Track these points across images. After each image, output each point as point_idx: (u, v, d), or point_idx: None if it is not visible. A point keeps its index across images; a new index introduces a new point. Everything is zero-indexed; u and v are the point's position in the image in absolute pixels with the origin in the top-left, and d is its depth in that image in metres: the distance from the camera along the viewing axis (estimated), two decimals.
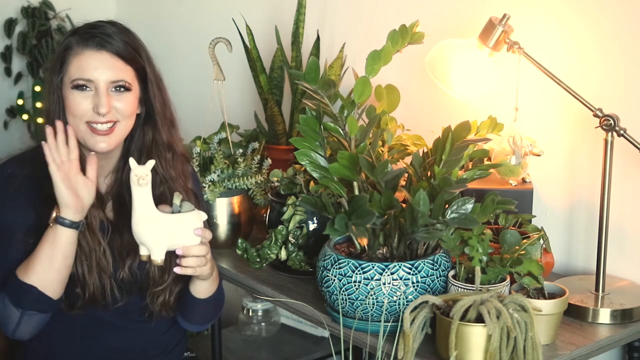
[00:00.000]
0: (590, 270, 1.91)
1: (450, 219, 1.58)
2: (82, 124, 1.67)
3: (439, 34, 2.00)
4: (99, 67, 1.65)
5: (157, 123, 1.75)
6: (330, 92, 1.66)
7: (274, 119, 2.39)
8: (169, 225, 1.59)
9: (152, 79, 1.73)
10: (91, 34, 1.67)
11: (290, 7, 2.52)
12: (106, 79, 1.66)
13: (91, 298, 1.70)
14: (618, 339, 1.69)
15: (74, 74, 1.66)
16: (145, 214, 1.56)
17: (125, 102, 1.68)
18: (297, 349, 2.69)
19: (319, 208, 1.69)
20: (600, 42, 1.88)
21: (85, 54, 1.66)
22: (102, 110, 1.64)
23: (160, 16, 3.30)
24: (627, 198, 1.87)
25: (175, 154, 1.79)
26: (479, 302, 1.50)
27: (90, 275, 1.69)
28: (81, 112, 1.66)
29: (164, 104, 1.76)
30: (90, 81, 1.65)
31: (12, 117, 3.37)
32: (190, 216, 1.61)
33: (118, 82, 1.67)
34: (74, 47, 1.67)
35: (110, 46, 1.67)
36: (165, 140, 1.77)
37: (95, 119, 1.66)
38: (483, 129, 1.90)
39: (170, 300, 1.78)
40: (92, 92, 1.66)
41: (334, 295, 1.65)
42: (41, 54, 3.27)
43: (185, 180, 1.81)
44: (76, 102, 1.66)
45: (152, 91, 1.74)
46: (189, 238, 1.61)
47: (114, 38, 1.68)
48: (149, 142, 1.76)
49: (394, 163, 1.87)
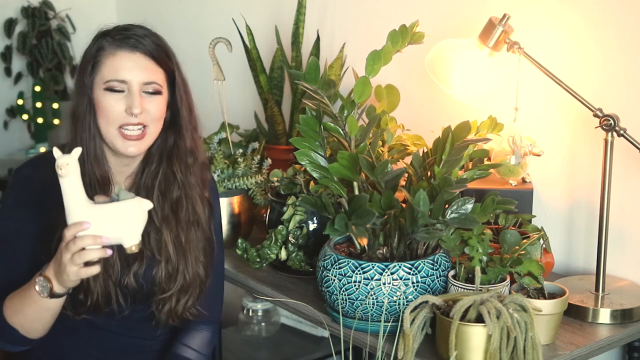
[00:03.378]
0: (590, 270, 1.91)
1: (450, 219, 1.58)
2: (113, 128, 1.65)
3: (439, 34, 2.00)
4: (133, 67, 1.64)
5: (181, 128, 1.73)
6: (330, 92, 1.66)
7: (274, 119, 2.39)
8: (101, 216, 1.47)
9: (180, 83, 1.72)
10: (125, 35, 1.66)
11: (290, 7, 2.52)
12: (139, 80, 1.64)
13: (95, 305, 1.68)
14: (618, 339, 1.69)
15: (108, 75, 1.64)
16: (73, 205, 1.47)
17: (155, 105, 1.67)
18: (297, 349, 2.69)
19: (319, 208, 1.69)
20: (600, 42, 1.88)
21: (119, 55, 1.64)
22: (135, 110, 1.62)
23: (160, 16, 3.30)
24: (627, 198, 1.87)
25: (196, 161, 1.76)
26: (479, 302, 1.50)
27: (95, 281, 1.66)
28: (114, 115, 1.64)
29: (189, 109, 1.74)
30: (123, 82, 1.64)
31: (12, 117, 3.37)
32: (128, 204, 1.49)
33: (151, 83, 1.66)
34: (107, 48, 1.65)
35: (143, 47, 1.66)
36: (187, 146, 1.74)
37: (128, 120, 1.64)
38: (483, 129, 1.90)
39: (177, 309, 1.74)
40: (124, 93, 1.64)
41: (334, 295, 1.65)
42: (41, 54, 3.28)
43: (203, 188, 1.78)
44: (109, 104, 1.64)
45: (180, 95, 1.72)
46: (128, 228, 1.49)
47: (146, 40, 1.67)
48: (170, 146, 1.74)
49: (394, 163, 1.86)
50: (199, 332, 1.83)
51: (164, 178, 1.73)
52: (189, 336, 1.82)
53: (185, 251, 1.73)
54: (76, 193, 1.47)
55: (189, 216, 1.74)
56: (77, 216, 1.47)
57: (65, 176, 1.44)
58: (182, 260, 1.72)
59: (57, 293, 1.56)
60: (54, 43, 3.30)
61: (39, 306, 1.58)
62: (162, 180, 1.73)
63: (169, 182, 1.73)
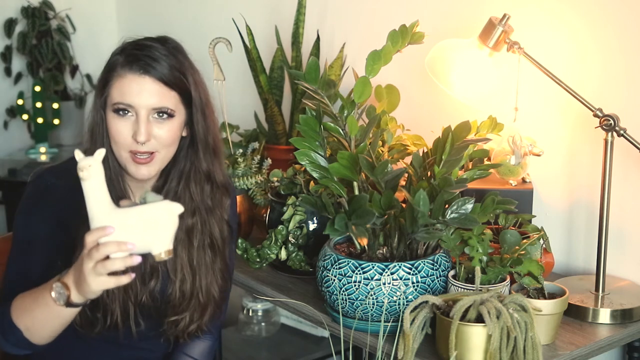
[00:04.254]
0: (590, 270, 1.91)
1: (450, 219, 1.58)
2: (124, 152, 1.59)
3: (439, 34, 2.00)
4: (141, 92, 1.56)
5: (198, 150, 1.66)
6: (330, 92, 1.66)
7: (274, 119, 2.39)
8: (127, 221, 1.35)
9: (197, 104, 1.63)
10: (135, 56, 1.57)
11: (290, 7, 2.52)
12: (147, 105, 1.56)
13: (114, 324, 1.62)
14: (618, 339, 1.69)
15: (115, 97, 1.57)
16: (96, 209, 1.35)
17: (166, 130, 1.59)
18: (297, 349, 2.69)
19: (319, 208, 1.69)
20: (600, 42, 1.88)
21: (128, 78, 1.56)
22: (140, 138, 1.55)
23: (160, 16, 3.30)
24: (627, 198, 1.87)
25: (215, 184, 1.69)
26: (479, 302, 1.50)
27: (114, 299, 1.59)
28: (122, 140, 1.58)
29: (207, 130, 1.66)
30: (130, 106, 1.56)
31: (12, 117, 3.37)
32: (156, 207, 1.36)
33: (160, 108, 1.57)
34: (117, 69, 1.58)
35: (154, 71, 1.56)
36: (204, 169, 1.67)
37: (136, 147, 1.57)
38: (483, 129, 1.90)
39: (190, 328, 1.70)
40: (133, 117, 1.57)
41: (334, 295, 1.65)
42: (41, 54, 3.28)
43: (222, 211, 1.72)
44: (117, 128, 1.57)
45: (197, 117, 1.63)
46: (156, 233, 1.36)
47: (160, 62, 1.57)
48: (188, 168, 1.67)
49: (394, 163, 1.86)
50: (200, 341, 1.80)
51: (181, 199, 1.65)
52: (190, 345, 1.79)
53: (200, 273, 1.68)
54: (99, 197, 1.35)
55: (204, 239, 1.69)
56: (100, 221, 1.35)
57: (87, 179, 1.34)
58: (196, 282, 1.67)
59: (75, 303, 1.46)
60: (54, 43, 3.29)
61: (51, 313, 1.48)
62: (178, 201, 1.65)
63: (185, 204, 1.60)
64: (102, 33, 3.52)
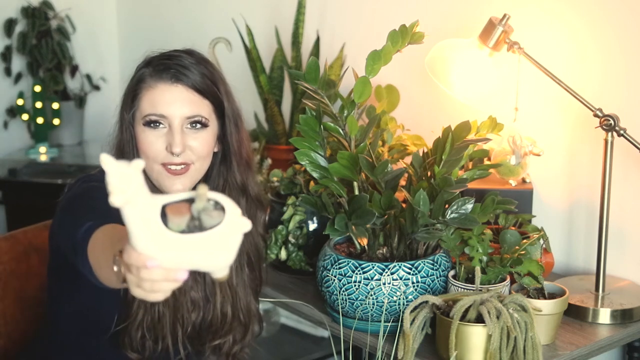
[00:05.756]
0: (590, 270, 1.91)
1: (450, 219, 1.58)
2: (156, 165, 1.52)
3: (439, 34, 2.00)
4: (174, 101, 1.51)
5: (232, 163, 1.60)
6: (330, 92, 1.66)
7: (274, 119, 2.39)
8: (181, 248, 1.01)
9: (229, 115, 1.58)
10: (165, 65, 1.52)
11: (290, 7, 2.52)
12: (181, 114, 1.51)
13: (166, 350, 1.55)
14: (618, 339, 1.69)
15: (146, 109, 1.51)
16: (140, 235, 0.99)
17: (201, 140, 1.53)
18: (297, 349, 2.69)
19: (319, 208, 1.69)
20: (600, 42, 1.88)
21: (159, 88, 1.51)
22: (176, 149, 1.49)
23: (161, 16, 3.30)
24: (627, 198, 1.87)
25: (249, 198, 1.64)
26: (479, 302, 1.50)
27: (165, 327, 1.53)
28: (154, 153, 1.51)
29: (240, 143, 1.60)
30: (163, 117, 1.51)
31: (12, 117, 3.37)
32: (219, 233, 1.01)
33: (194, 117, 1.52)
34: (147, 80, 1.52)
35: (186, 79, 1.52)
36: (239, 182, 1.62)
37: (170, 159, 1.51)
38: (483, 129, 1.90)
39: (234, 349, 1.66)
40: (165, 129, 1.51)
41: (334, 295, 1.65)
42: (41, 54, 3.27)
43: (257, 225, 1.67)
44: (148, 141, 1.51)
45: (229, 128, 1.58)
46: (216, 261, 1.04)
47: (191, 70, 1.53)
48: (222, 185, 1.61)
49: (394, 163, 1.87)
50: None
51: None
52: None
53: (239, 293, 1.65)
54: (144, 223, 1.00)
55: (242, 257, 1.65)
56: (145, 247, 1.01)
57: (125, 204, 0.97)
58: (237, 303, 1.64)
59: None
60: (54, 43, 3.29)
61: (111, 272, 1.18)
62: None
63: None
64: (102, 33, 3.52)
